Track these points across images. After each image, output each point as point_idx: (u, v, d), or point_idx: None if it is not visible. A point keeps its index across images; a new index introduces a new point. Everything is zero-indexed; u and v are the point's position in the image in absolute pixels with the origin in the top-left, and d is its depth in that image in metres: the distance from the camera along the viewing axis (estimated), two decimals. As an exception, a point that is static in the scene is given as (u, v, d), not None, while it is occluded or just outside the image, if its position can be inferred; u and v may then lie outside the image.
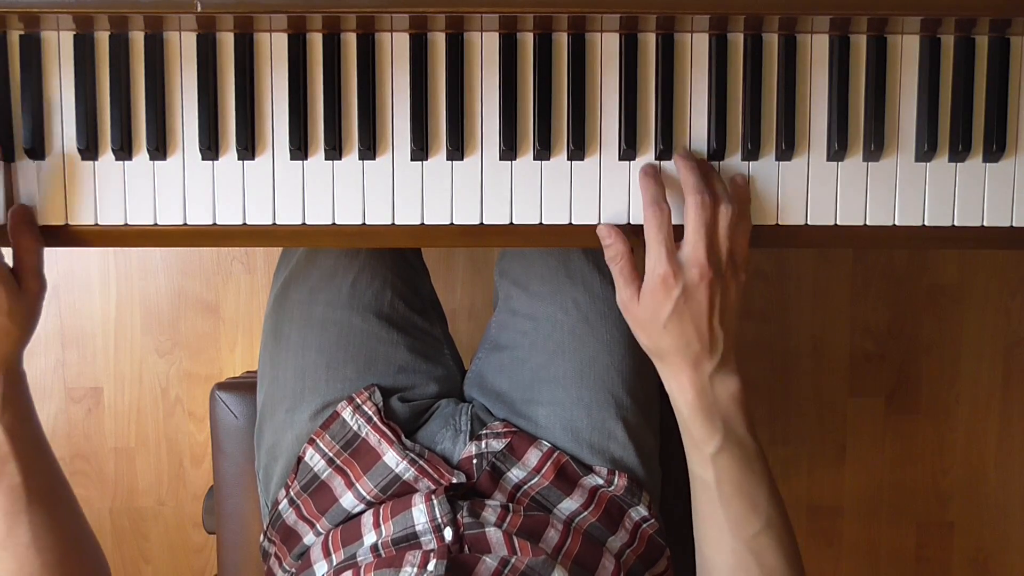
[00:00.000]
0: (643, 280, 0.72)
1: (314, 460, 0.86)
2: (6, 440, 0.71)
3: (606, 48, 0.75)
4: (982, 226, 0.77)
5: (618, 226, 0.75)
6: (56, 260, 1.64)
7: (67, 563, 0.74)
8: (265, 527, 0.91)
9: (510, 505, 0.80)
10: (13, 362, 0.73)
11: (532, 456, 0.85)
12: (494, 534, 0.75)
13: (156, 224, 0.75)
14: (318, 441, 0.86)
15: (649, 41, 0.75)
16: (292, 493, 0.87)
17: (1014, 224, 0.77)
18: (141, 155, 0.74)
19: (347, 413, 0.87)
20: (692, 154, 0.74)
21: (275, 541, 0.89)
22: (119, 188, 0.74)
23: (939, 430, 1.74)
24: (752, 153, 0.75)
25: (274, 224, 0.75)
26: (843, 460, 1.74)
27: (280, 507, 0.88)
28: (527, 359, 0.90)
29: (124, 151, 0.74)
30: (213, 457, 1.04)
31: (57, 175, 0.74)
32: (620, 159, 0.75)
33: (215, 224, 0.75)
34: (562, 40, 0.75)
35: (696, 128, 0.75)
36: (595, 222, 0.75)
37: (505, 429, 0.87)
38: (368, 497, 0.84)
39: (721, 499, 0.72)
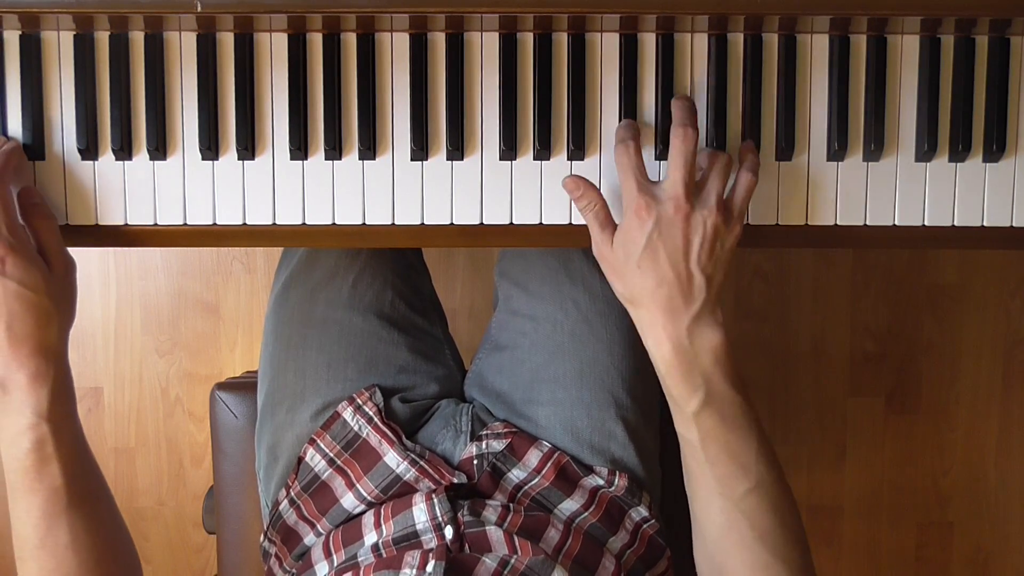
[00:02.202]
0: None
1: (315, 460, 0.86)
2: (51, 439, 0.69)
3: (606, 48, 0.75)
4: (982, 226, 0.77)
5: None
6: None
7: (104, 563, 0.73)
8: (265, 527, 0.91)
9: (511, 505, 0.80)
10: (59, 351, 0.71)
11: (532, 456, 0.85)
12: (494, 533, 0.75)
13: (156, 224, 0.75)
14: (319, 441, 0.86)
15: (649, 41, 0.75)
16: (293, 493, 0.87)
17: (1014, 224, 0.77)
18: (141, 155, 0.74)
19: (348, 413, 0.87)
20: (690, 98, 0.73)
21: (275, 541, 0.89)
22: (119, 188, 0.74)
23: (939, 430, 1.74)
24: (752, 153, 0.75)
25: (274, 224, 0.75)
26: (843, 460, 1.74)
27: (281, 507, 0.88)
28: (527, 359, 0.90)
29: (124, 151, 0.74)
30: (213, 457, 1.04)
31: (57, 175, 0.74)
32: (620, 159, 0.75)
33: (215, 224, 0.75)
34: (562, 40, 0.75)
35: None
36: (595, 222, 0.75)
37: (505, 429, 0.87)
38: (369, 498, 0.84)
39: (707, 459, 0.69)
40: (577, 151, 0.75)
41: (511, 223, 0.76)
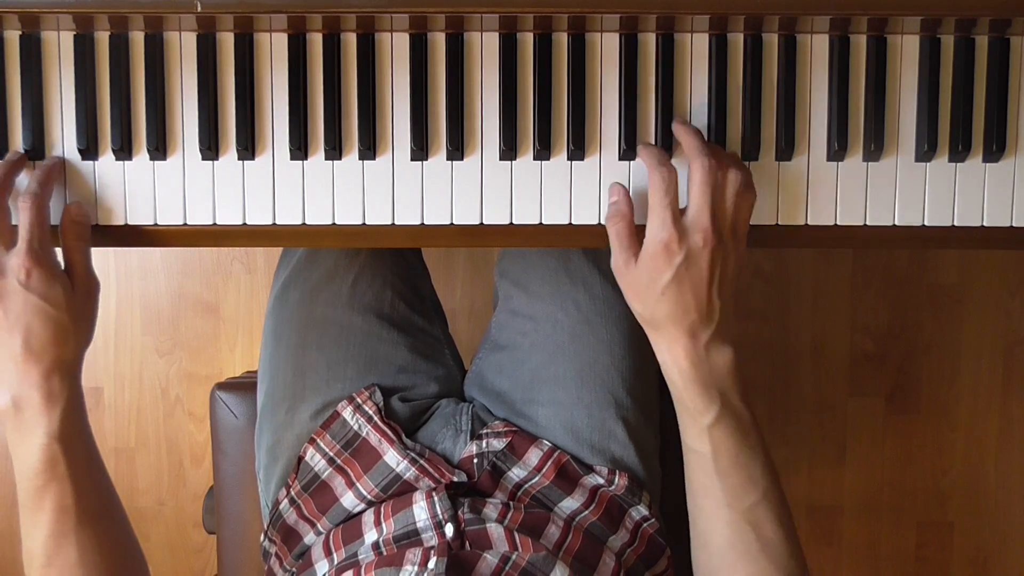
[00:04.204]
0: (642, 245, 0.70)
1: (315, 460, 0.86)
2: (62, 458, 0.69)
3: (606, 48, 0.75)
4: (982, 226, 0.77)
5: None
6: (56, 260, 1.64)
7: None
8: (265, 527, 0.91)
9: (511, 503, 0.80)
10: (74, 369, 0.72)
11: (533, 455, 0.85)
12: (495, 530, 0.75)
13: (156, 224, 0.75)
14: (319, 441, 0.86)
15: (649, 41, 0.75)
16: (293, 493, 0.87)
17: (1014, 224, 0.77)
18: (141, 155, 0.74)
19: (347, 413, 0.87)
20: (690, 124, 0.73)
21: (276, 541, 0.89)
22: (119, 188, 0.74)
23: (939, 430, 1.74)
24: (752, 153, 0.75)
25: (274, 224, 0.75)
26: (843, 460, 1.74)
27: (281, 507, 0.88)
28: (527, 359, 0.90)
29: (124, 151, 0.74)
30: (213, 457, 1.04)
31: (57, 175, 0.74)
32: (620, 159, 0.75)
33: (215, 224, 0.75)
34: (562, 40, 0.75)
35: (696, 128, 0.75)
36: (595, 222, 0.75)
37: (506, 428, 0.87)
38: (369, 496, 0.84)
39: (718, 471, 0.71)
40: (577, 151, 0.75)
41: (511, 223, 0.76)
